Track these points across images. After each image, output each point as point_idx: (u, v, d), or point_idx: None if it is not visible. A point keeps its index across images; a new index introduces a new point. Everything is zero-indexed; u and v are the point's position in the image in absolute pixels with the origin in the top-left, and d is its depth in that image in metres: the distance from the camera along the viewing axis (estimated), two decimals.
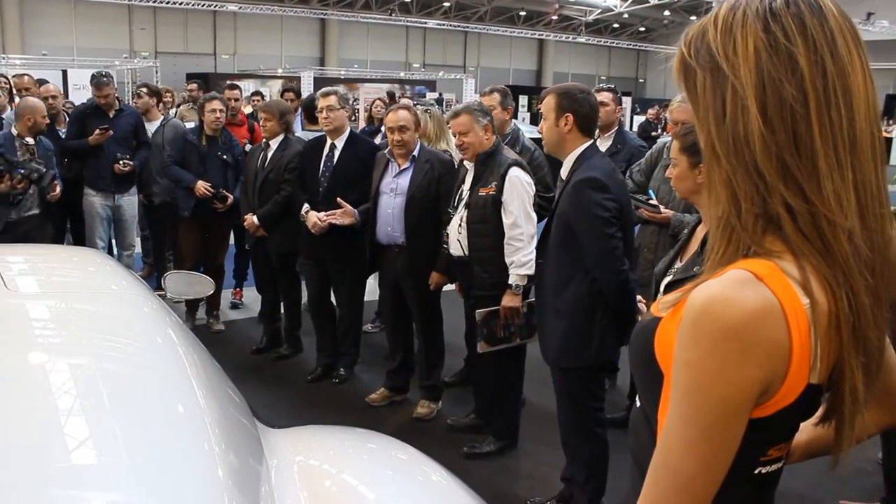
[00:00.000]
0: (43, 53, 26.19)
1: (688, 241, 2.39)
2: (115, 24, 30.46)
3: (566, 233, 3.12)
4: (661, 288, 2.26)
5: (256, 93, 11.19)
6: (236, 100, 6.61)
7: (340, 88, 5.06)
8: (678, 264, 2.34)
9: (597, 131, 3.54)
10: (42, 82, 6.34)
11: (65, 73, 21.25)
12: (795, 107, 0.94)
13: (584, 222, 3.06)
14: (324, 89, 5.01)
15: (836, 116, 0.94)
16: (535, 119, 25.81)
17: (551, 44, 41.38)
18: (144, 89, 6.74)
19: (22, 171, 4.87)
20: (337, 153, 4.74)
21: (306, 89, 21.51)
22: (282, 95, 8.05)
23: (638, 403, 1.20)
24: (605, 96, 4.62)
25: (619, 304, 3.08)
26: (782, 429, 1.03)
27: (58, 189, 5.14)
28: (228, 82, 7.06)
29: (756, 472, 1.04)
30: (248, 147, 5.99)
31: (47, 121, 5.33)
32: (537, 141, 4.59)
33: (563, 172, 3.21)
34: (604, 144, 4.57)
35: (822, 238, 0.94)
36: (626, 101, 23.31)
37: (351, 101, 5.10)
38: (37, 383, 1.81)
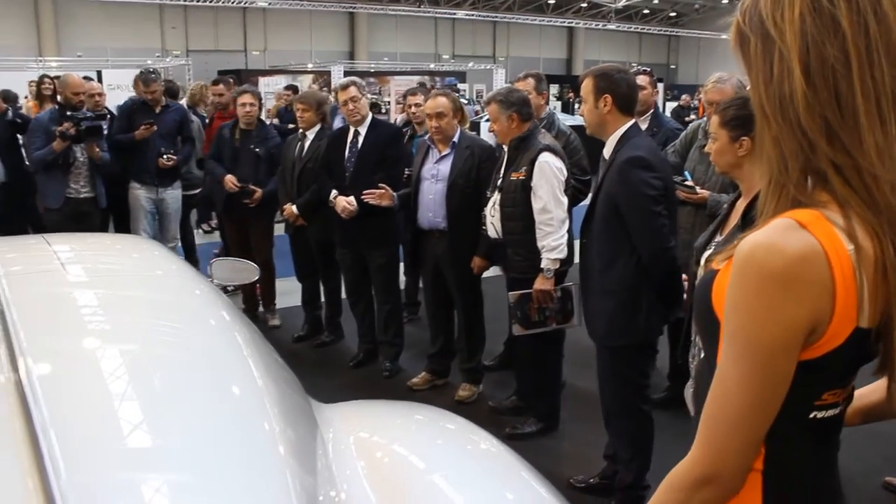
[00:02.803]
0: (78, 55, 26.53)
1: (728, 215, 2.41)
2: (146, 23, 30.75)
3: (611, 213, 3.13)
4: (702, 261, 2.29)
5: (290, 86, 11.32)
6: (221, 94, 7.02)
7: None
8: (718, 238, 2.37)
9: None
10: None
11: (99, 73, 21.53)
12: (837, 66, 0.99)
13: (632, 201, 3.07)
14: (340, 82, 5.21)
15: (879, 74, 0.99)
16: (565, 107, 25.64)
17: (581, 31, 40.97)
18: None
19: (78, 117, 5.48)
20: (361, 139, 4.88)
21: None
22: (321, 89, 8.16)
23: (702, 354, 1.26)
24: (641, 79, 4.62)
25: (665, 281, 3.10)
26: (835, 372, 1.07)
27: (100, 153, 5.65)
28: (213, 79, 7.42)
29: (812, 416, 1.09)
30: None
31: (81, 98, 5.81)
32: (577, 129, 4.62)
33: (606, 153, 3.22)
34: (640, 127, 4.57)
35: (867, 189, 0.99)
36: (659, 87, 23.09)
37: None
38: (100, 366, 1.87)
